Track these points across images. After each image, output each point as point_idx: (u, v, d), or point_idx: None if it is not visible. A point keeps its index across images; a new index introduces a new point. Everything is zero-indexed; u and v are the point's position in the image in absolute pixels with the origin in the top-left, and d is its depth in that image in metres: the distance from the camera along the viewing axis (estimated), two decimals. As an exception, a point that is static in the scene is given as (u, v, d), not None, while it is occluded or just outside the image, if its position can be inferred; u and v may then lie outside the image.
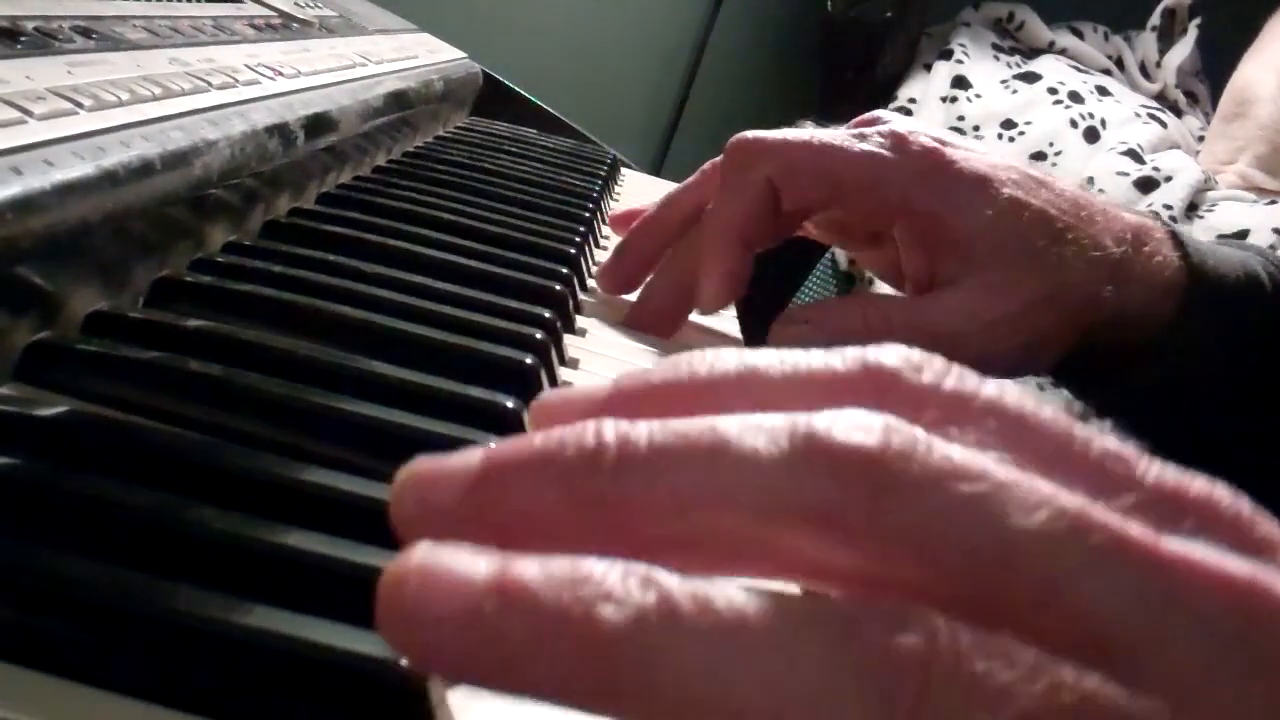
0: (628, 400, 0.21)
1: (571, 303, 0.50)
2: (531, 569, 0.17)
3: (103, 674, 0.20)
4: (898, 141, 0.48)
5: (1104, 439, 0.19)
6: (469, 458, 0.19)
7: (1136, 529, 0.17)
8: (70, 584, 0.20)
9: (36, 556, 0.21)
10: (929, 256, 0.48)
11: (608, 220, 0.63)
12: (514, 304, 0.44)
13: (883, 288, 1.08)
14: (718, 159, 0.54)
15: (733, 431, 0.18)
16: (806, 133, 0.49)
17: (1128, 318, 0.49)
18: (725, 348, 0.21)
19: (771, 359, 0.20)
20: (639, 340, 0.50)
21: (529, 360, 0.38)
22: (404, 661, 0.19)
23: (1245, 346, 0.50)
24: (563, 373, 0.43)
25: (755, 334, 0.57)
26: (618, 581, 0.16)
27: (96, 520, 0.23)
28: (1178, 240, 0.51)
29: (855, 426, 0.17)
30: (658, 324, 0.51)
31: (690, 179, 0.54)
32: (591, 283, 0.57)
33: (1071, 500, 0.17)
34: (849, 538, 0.17)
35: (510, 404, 0.33)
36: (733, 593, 0.16)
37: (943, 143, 0.48)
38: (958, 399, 0.19)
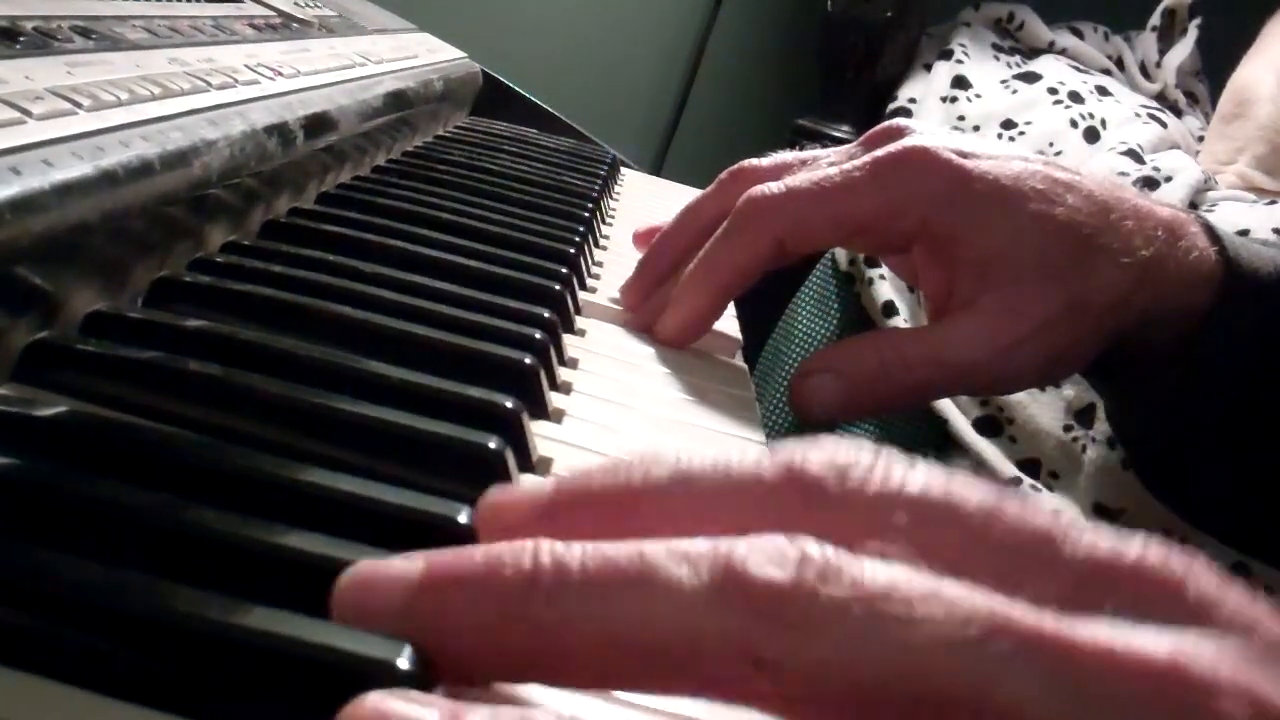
0: (567, 509, 0.22)
1: (571, 303, 0.50)
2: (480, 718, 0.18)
3: (102, 677, 0.19)
4: (913, 161, 0.46)
5: (1033, 516, 0.20)
6: (411, 564, 0.20)
7: (1049, 623, 0.18)
8: (69, 585, 0.20)
9: (35, 557, 0.21)
10: (947, 276, 0.48)
11: (632, 237, 0.62)
12: (514, 304, 0.44)
13: (883, 289, 1.08)
14: (735, 167, 0.53)
15: (660, 560, 0.19)
16: (814, 176, 0.47)
17: (1160, 314, 0.48)
18: (660, 452, 0.22)
19: (704, 468, 0.22)
20: (638, 340, 0.50)
21: (529, 360, 0.38)
22: (404, 662, 0.19)
23: (1277, 345, 0.50)
24: (562, 373, 0.43)
25: (755, 334, 0.58)
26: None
27: (96, 521, 0.23)
28: (1213, 233, 0.50)
29: (770, 560, 0.18)
30: (683, 337, 0.51)
31: (708, 190, 0.53)
32: (592, 282, 0.57)
33: (983, 603, 0.18)
34: (768, 668, 0.18)
35: (509, 404, 0.33)
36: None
37: (964, 155, 0.47)
38: (880, 501, 0.20)
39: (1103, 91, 1.27)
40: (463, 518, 0.26)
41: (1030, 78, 1.28)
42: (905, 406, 0.49)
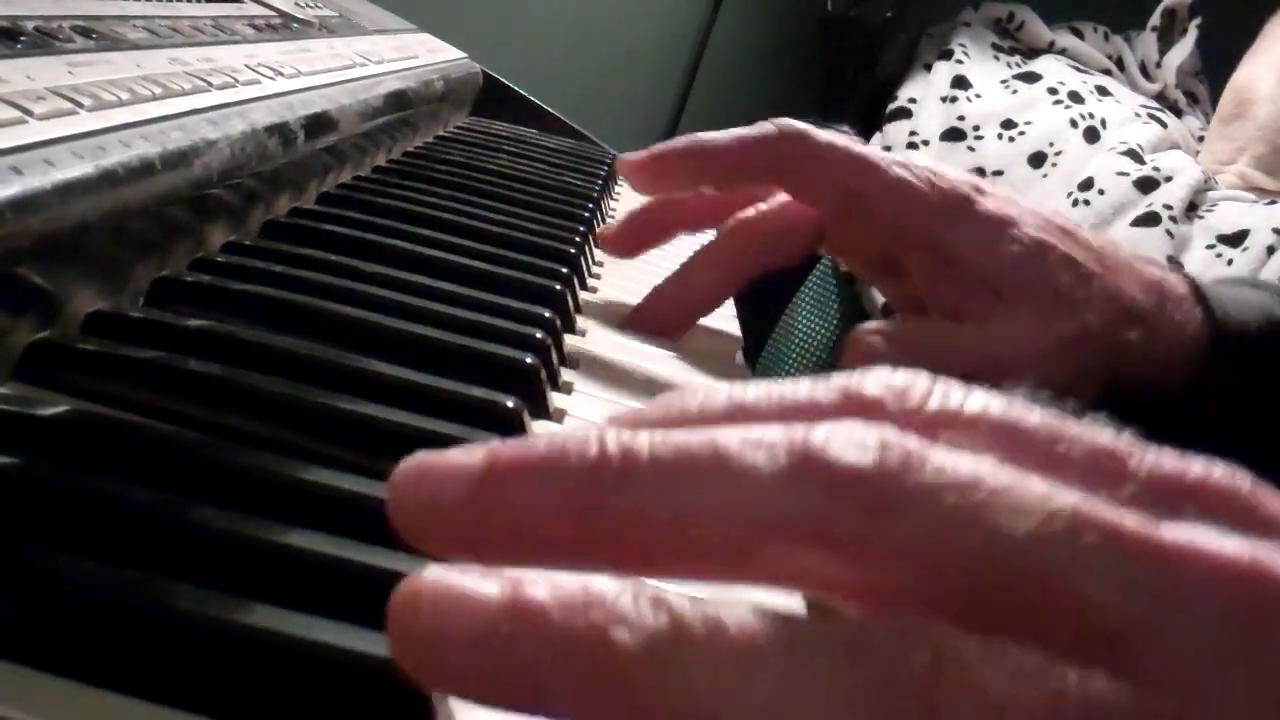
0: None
1: (572, 302, 0.50)
2: (543, 591, 0.17)
3: (104, 673, 0.19)
4: (928, 180, 0.48)
5: (1097, 434, 0.19)
6: (471, 456, 0.19)
7: (1132, 521, 0.17)
8: (71, 583, 0.20)
9: (37, 556, 0.21)
10: (957, 292, 0.49)
11: (600, 238, 0.62)
12: (514, 304, 0.44)
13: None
14: (760, 133, 0.51)
15: (733, 446, 0.18)
16: (853, 143, 0.50)
17: (1151, 373, 0.49)
18: (715, 385, 0.21)
19: (758, 392, 0.21)
20: (639, 340, 0.50)
21: (529, 360, 0.38)
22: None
23: (1270, 396, 0.50)
24: (563, 373, 0.43)
25: (755, 334, 0.58)
26: (629, 604, 0.17)
27: (97, 520, 0.23)
28: (1199, 294, 0.50)
29: (850, 443, 0.18)
30: (663, 327, 0.52)
31: (729, 142, 0.51)
32: (592, 282, 0.57)
33: (1065, 499, 0.17)
34: (848, 553, 0.17)
35: (511, 403, 0.33)
36: (742, 614, 0.17)
37: (977, 189, 0.49)
38: (944, 415, 0.20)
39: (1103, 91, 1.28)
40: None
41: (1030, 78, 1.29)
42: None
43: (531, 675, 0.17)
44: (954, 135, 1.24)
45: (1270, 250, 1.02)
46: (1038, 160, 1.19)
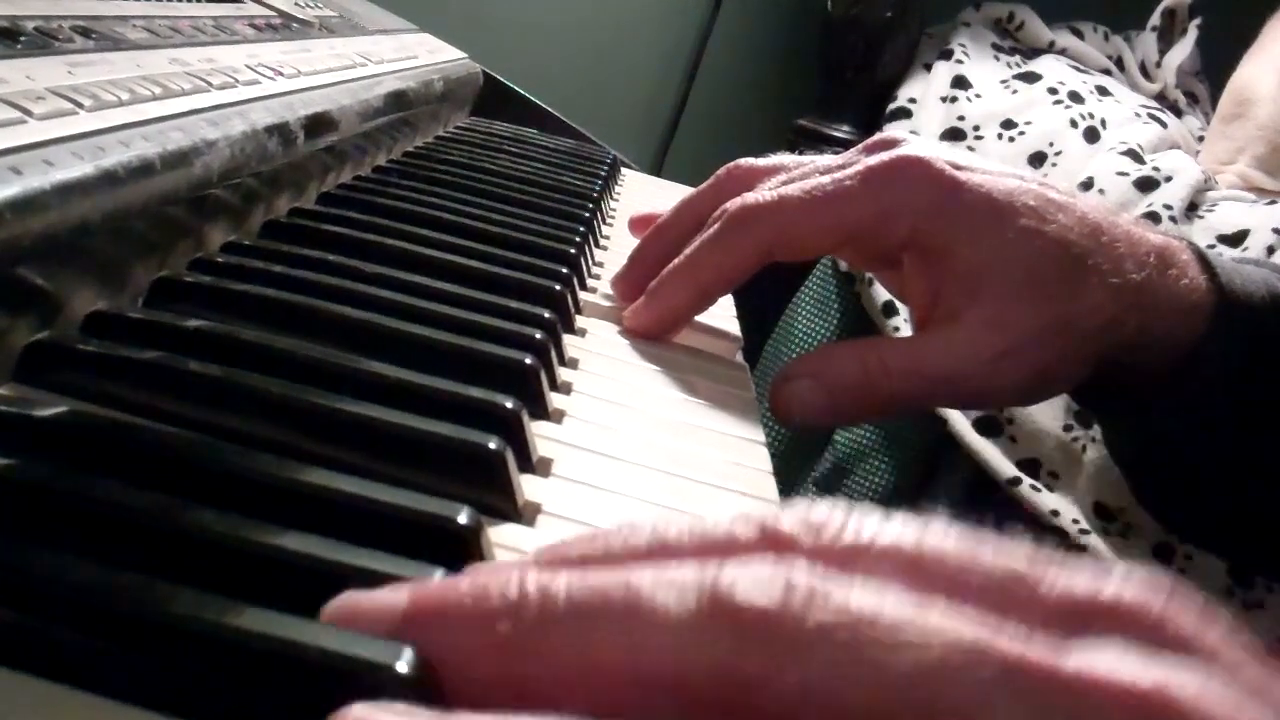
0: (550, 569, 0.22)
1: (571, 303, 0.50)
2: None
3: (99, 678, 0.19)
4: (906, 170, 0.46)
5: (1010, 557, 0.20)
6: (395, 596, 0.20)
7: (1036, 650, 0.18)
8: (68, 586, 0.20)
9: (34, 558, 0.21)
10: (934, 288, 0.47)
11: (628, 223, 0.62)
12: (514, 304, 0.44)
13: (883, 289, 1.08)
14: (732, 164, 0.53)
15: (645, 587, 0.19)
16: (807, 185, 0.47)
17: (1152, 341, 0.48)
18: (637, 522, 0.22)
19: (680, 530, 0.21)
20: (638, 340, 0.50)
21: (529, 360, 0.38)
22: (403, 665, 0.19)
23: (1274, 364, 0.49)
24: (562, 373, 0.43)
25: (755, 334, 0.58)
26: None
27: (95, 521, 0.23)
28: (1205, 261, 0.49)
29: (757, 583, 0.19)
30: (653, 331, 0.51)
31: (704, 185, 0.54)
32: (592, 282, 0.57)
33: (965, 630, 0.18)
34: (754, 692, 0.18)
35: (510, 404, 0.33)
36: None
37: (958, 167, 0.47)
38: (856, 549, 0.20)
39: (1103, 91, 1.27)
40: (462, 518, 0.26)
41: (1030, 78, 1.29)
42: (887, 415, 0.49)
43: None
44: (954, 135, 1.24)
45: (1270, 250, 1.02)
46: (1038, 160, 1.19)
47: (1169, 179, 1.10)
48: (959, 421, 1.07)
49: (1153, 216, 1.06)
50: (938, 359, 0.46)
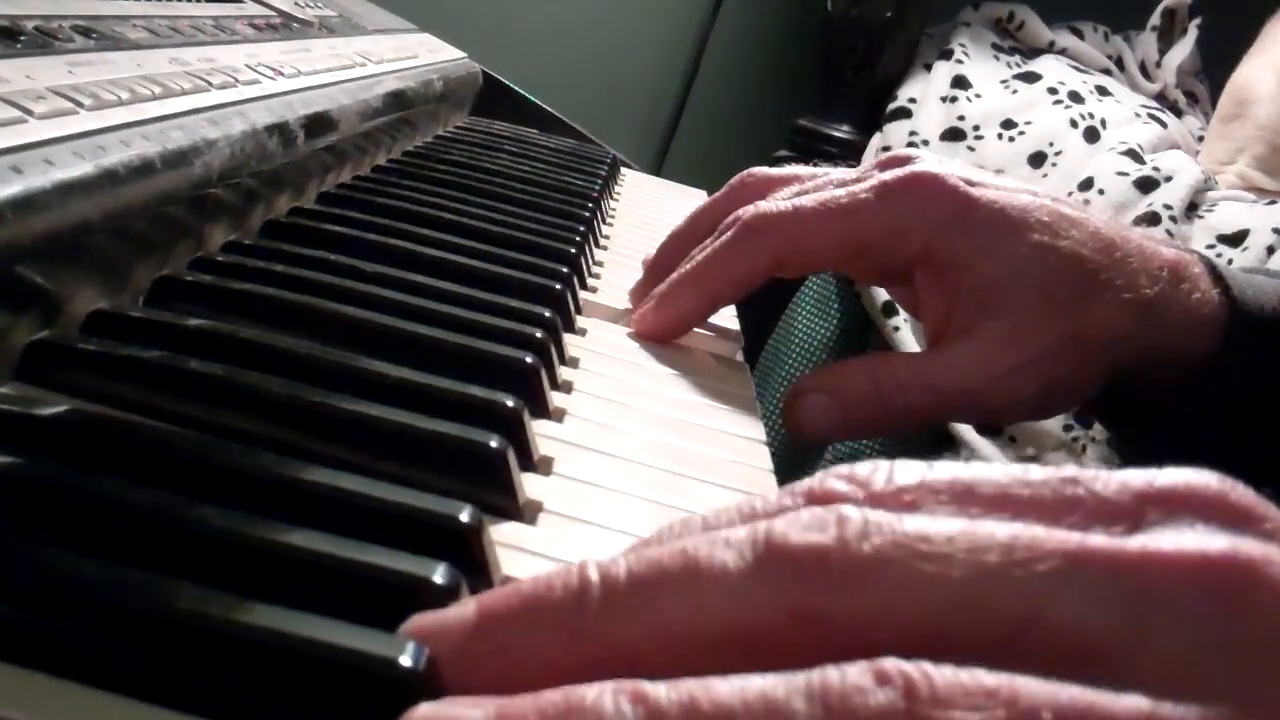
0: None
1: (572, 302, 0.50)
2: (526, 705, 0.18)
3: (104, 674, 0.19)
4: (920, 187, 0.46)
5: (1057, 470, 0.20)
6: (464, 610, 0.20)
7: (1096, 539, 0.18)
8: (71, 583, 0.20)
9: (37, 555, 0.21)
10: (947, 303, 0.47)
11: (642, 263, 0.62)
12: (514, 303, 0.44)
13: (883, 289, 1.08)
14: (746, 173, 0.53)
15: (702, 551, 0.20)
16: (821, 197, 0.47)
17: (1165, 355, 0.48)
18: (690, 515, 0.22)
19: (728, 510, 0.22)
20: (638, 340, 0.50)
21: (529, 359, 0.38)
22: (406, 659, 0.19)
23: None
24: (563, 372, 0.43)
25: (755, 334, 0.58)
26: (608, 703, 0.18)
27: (97, 519, 0.23)
28: (1216, 274, 0.49)
29: (808, 526, 0.19)
30: (661, 334, 0.51)
31: (718, 194, 0.54)
32: (592, 281, 0.57)
33: (1024, 530, 0.18)
34: (822, 626, 0.18)
35: (511, 402, 0.33)
36: (716, 689, 0.17)
37: (972, 183, 0.47)
38: (899, 488, 0.21)
39: (1103, 91, 1.27)
40: (464, 516, 0.26)
41: (1030, 78, 1.28)
42: (899, 430, 0.49)
43: None
44: (954, 135, 1.24)
45: (1270, 250, 1.02)
46: (1038, 160, 1.19)
47: (1169, 179, 1.10)
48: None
49: (1153, 216, 1.06)
50: (951, 373, 0.46)
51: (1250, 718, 0.16)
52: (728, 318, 0.57)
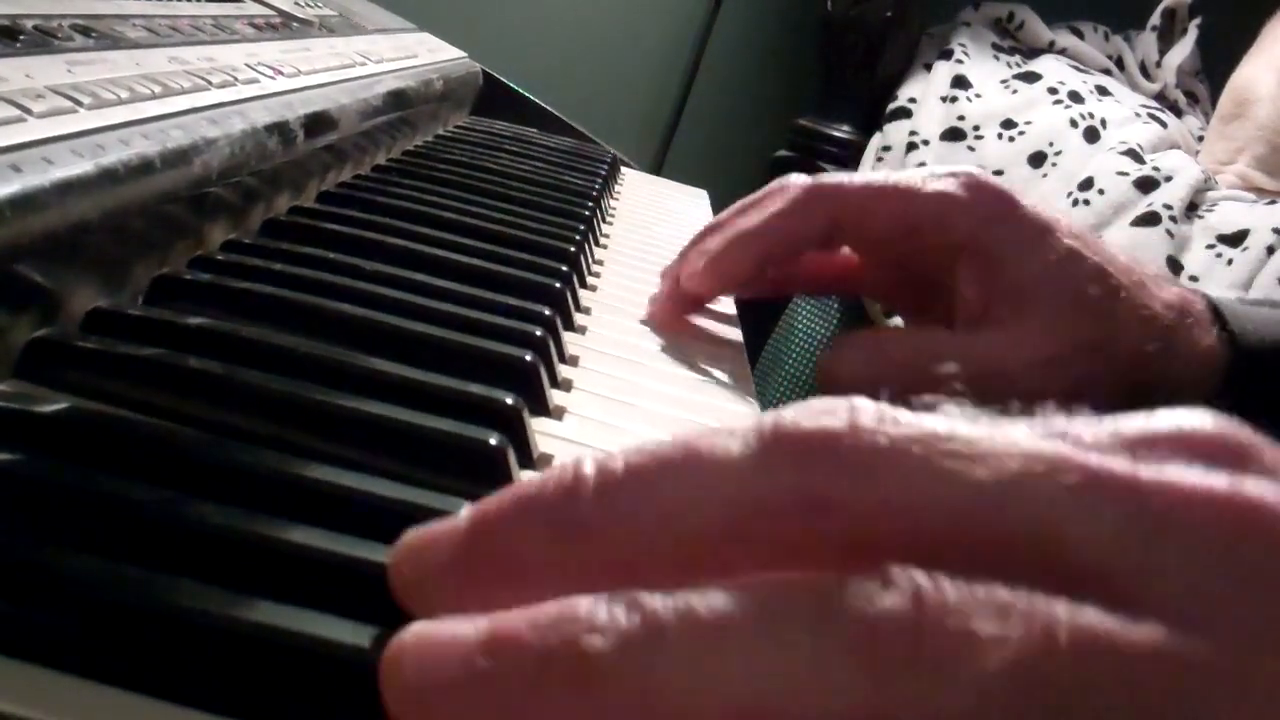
0: None
1: (571, 300, 0.50)
2: (519, 619, 0.17)
3: (104, 669, 0.20)
4: (971, 182, 0.49)
5: (1037, 420, 0.19)
6: (456, 518, 0.20)
7: (1115, 463, 0.17)
8: (71, 580, 0.20)
9: (37, 552, 0.21)
10: (986, 297, 0.49)
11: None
12: (514, 301, 0.44)
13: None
14: (791, 200, 0.51)
15: (704, 441, 0.18)
16: (881, 176, 0.50)
17: (1172, 388, 0.49)
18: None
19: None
20: (639, 338, 0.50)
21: (529, 357, 0.38)
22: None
23: None
24: (563, 370, 0.43)
25: (755, 334, 0.58)
26: (602, 612, 0.17)
27: (97, 516, 0.23)
28: (1217, 312, 0.51)
29: (821, 411, 0.18)
30: (710, 291, 0.53)
31: (770, 222, 0.52)
32: (592, 280, 0.57)
33: (1045, 444, 0.18)
34: (831, 517, 0.17)
35: (510, 400, 0.33)
36: (714, 597, 0.17)
37: (1014, 194, 0.50)
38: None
39: (1103, 91, 1.28)
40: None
41: (1030, 78, 1.29)
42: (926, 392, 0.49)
43: (515, 699, 0.17)
44: (954, 135, 1.24)
45: (1270, 250, 1.02)
46: (1038, 160, 1.19)
47: (1169, 179, 1.10)
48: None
49: (1153, 216, 1.06)
50: (989, 351, 0.48)
51: (1259, 653, 0.16)
52: (728, 317, 0.57)
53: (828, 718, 0.16)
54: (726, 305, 0.59)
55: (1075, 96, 1.25)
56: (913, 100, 1.31)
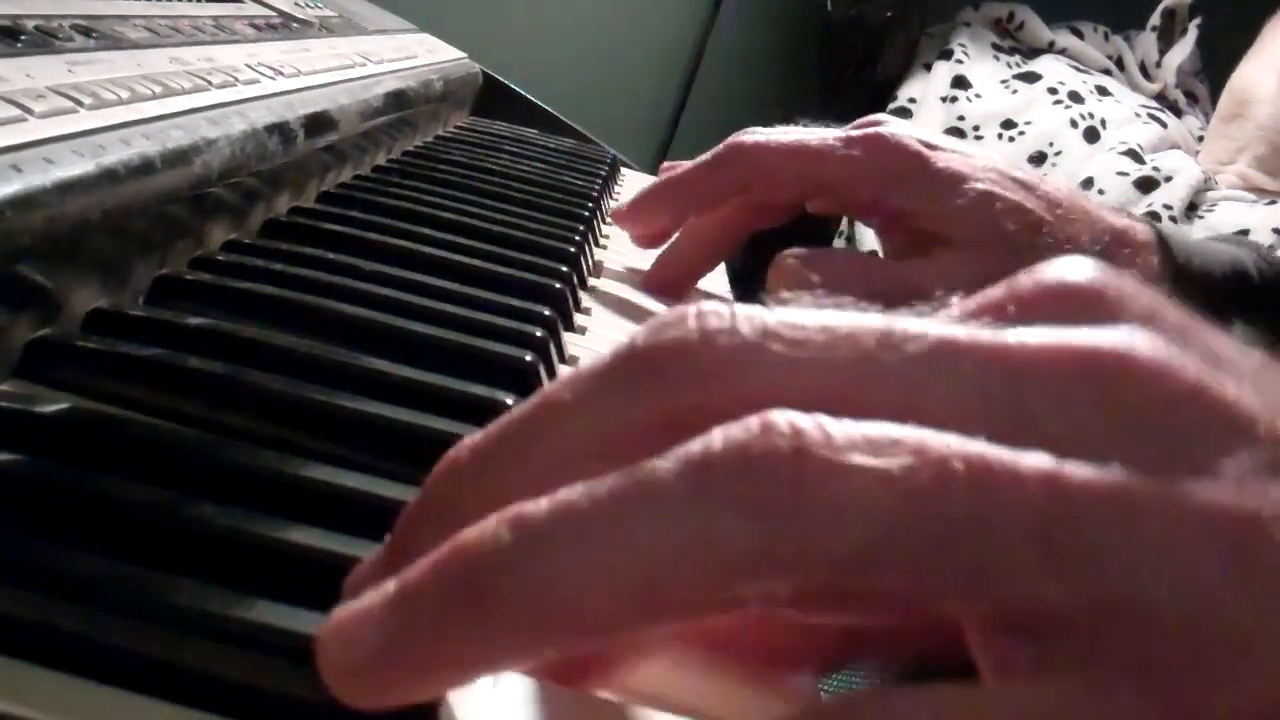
0: None
1: (571, 301, 0.50)
2: (420, 567, 0.17)
3: (105, 669, 0.20)
4: (876, 145, 0.51)
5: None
6: (378, 593, 0.18)
7: (962, 331, 0.17)
8: (72, 580, 0.20)
9: (38, 552, 0.21)
10: (905, 238, 0.52)
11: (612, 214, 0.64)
12: (514, 302, 0.44)
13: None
14: (714, 155, 0.57)
15: (563, 387, 0.19)
16: (794, 135, 0.53)
17: None
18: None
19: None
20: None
21: (529, 358, 0.38)
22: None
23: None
24: (563, 370, 0.43)
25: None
26: (488, 533, 0.17)
27: (98, 516, 0.23)
28: (1163, 242, 0.52)
29: (666, 325, 0.18)
30: (636, 235, 0.57)
31: (691, 171, 0.57)
32: (592, 281, 0.57)
33: (877, 320, 0.18)
34: (699, 425, 0.17)
35: (510, 401, 0.34)
36: (588, 485, 0.17)
37: (928, 145, 0.51)
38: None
39: (1103, 91, 1.28)
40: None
41: (1030, 78, 1.29)
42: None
43: (425, 640, 0.17)
44: (954, 135, 1.24)
45: (1270, 250, 1.02)
46: (1038, 160, 1.19)
47: (1169, 179, 1.10)
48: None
49: (1153, 216, 1.06)
50: (918, 273, 0.51)
51: (1148, 483, 0.16)
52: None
53: (721, 576, 0.16)
54: (723, 293, 0.59)
55: (1075, 97, 1.25)
56: (912, 100, 1.31)
